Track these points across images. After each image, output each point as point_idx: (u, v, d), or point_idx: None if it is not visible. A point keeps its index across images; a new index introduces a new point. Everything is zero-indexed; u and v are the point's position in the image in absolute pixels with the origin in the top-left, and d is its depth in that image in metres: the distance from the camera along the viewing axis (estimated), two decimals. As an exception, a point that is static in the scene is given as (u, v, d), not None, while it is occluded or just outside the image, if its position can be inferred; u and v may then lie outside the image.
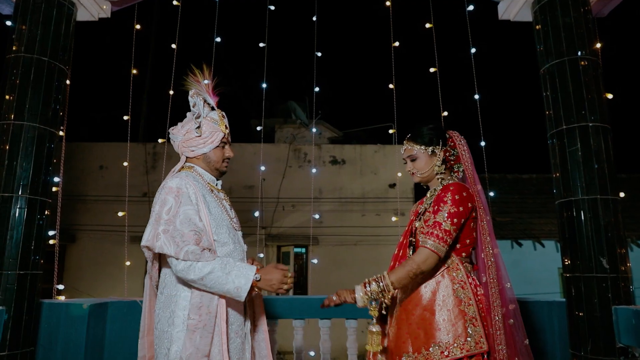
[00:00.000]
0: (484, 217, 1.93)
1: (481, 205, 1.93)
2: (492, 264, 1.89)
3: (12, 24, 2.87)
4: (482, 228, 1.92)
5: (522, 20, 3.23)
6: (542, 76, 2.99)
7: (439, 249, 1.81)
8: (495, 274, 1.87)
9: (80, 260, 8.84)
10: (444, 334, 1.79)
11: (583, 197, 2.70)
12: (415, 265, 1.80)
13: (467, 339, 1.77)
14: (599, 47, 2.93)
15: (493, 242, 1.93)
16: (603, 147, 2.73)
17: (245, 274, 1.79)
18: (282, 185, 9.09)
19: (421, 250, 1.83)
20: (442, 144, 2.01)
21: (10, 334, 2.51)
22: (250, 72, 4.03)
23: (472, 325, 1.79)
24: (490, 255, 1.90)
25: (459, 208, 1.85)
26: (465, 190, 1.89)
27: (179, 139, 2.04)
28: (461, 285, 1.85)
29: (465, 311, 1.81)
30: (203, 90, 2.03)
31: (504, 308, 1.86)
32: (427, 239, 1.83)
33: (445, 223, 1.83)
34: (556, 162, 2.85)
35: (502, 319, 1.83)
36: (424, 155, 2.01)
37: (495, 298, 1.85)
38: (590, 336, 2.60)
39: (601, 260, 2.62)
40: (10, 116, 2.70)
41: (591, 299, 2.62)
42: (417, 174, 2.05)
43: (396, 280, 1.81)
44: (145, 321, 2.04)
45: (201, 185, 1.97)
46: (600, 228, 2.65)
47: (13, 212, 2.61)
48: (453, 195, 1.85)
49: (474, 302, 1.83)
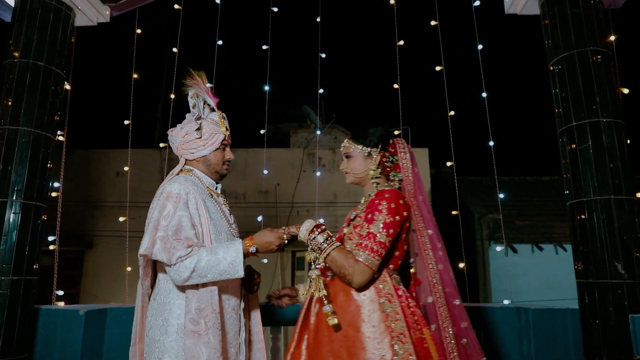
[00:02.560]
0: (423, 230, 1.80)
1: (421, 218, 1.81)
2: (437, 281, 1.75)
3: (10, 29, 2.89)
4: (423, 243, 1.79)
5: (529, 13, 3.09)
6: (550, 72, 2.84)
7: (373, 262, 1.68)
8: (441, 292, 1.74)
9: (98, 266, 8.95)
10: (369, 353, 1.63)
11: (595, 198, 2.54)
12: (350, 272, 1.67)
13: (394, 357, 1.61)
14: (613, 40, 2.79)
15: (437, 257, 1.79)
16: (617, 144, 2.57)
17: (235, 247, 1.74)
18: (297, 190, 9.04)
19: (356, 265, 1.68)
20: (381, 148, 1.90)
21: (3, 340, 2.50)
22: (264, 77, 4.04)
23: (400, 343, 1.64)
24: (435, 272, 1.76)
25: (395, 217, 1.71)
26: (401, 198, 1.77)
27: (178, 141, 1.99)
28: (388, 299, 1.71)
29: (392, 327, 1.66)
30: (203, 91, 1.98)
31: (455, 327, 1.73)
32: (359, 251, 1.69)
33: (380, 234, 1.69)
34: (566, 161, 2.69)
35: (454, 340, 1.70)
36: (360, 156, 1.91)
37: (444, 318, 1.71)
38: (605, 346, 2.44)
39: (616, 265, 2.45)
40: (5, 121, 2.70)
41: (606, 306, 2.45)
42: (350, 173, 1.94)
43: (331, 260, 1.70)
44: (137, 328, 2.00)
45: (200, 190, 1.92)
46: (614, 230, 2.48)
47: (7, 217, 2.60)
48: (389, 204, 1.72)
49: (402, 316, 1.68)
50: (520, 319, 3.01)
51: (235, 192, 8.73)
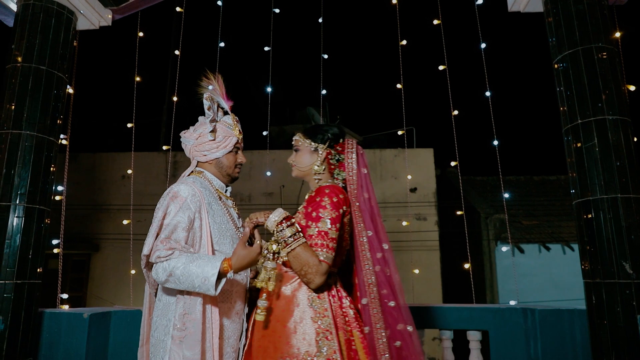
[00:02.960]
0: (362, 231, 1.78)
1: (361, 218, 1.79)
2: (373, 282, 1.73)
3: (12, 34, 2.90)
4: (361, 243, 1.77)
5: (532, 11, 3.05)
6: (555, 70, 2.81)
7: (331, 259, 1.69)
8: (376, 293, 1.72)
9: (104, 269, 8.98)
10: (294, 348, 1.64)
11: (602, 196, 2.50)
12: (314, 270, 1.66)
13: (317, 353, 1.62)
14: (618, 36, 2.75)
15: (375, 259, 1.77)
16: (623, 141, 2.52)
17: (213, 262, 1.65)
18: (302, 192, 9.02)
19: (320, 265, 1.67)
20: (328, 145, 1.92)
21: (7, 344, 2.50)
22: (267, 79, 4.04)
23: (325, 339, 1.64)
24: (370, 274, 1.74)
25: (338, 211, 1.74)
26: (341, 193, 1.79)
27: (190, 143, 1.99)
28: (317, 295, 1.72)
29: (318, 323, 1.67)
30: (217, 93, 1.98)
31: (389, 330, 1.70)
32: (319, 250, 1.68)
33: (331, 231, 1.71)
34: (572, 160, 2.66)
35: (387, 342, 1.67)
36: (306, 150, 1.95)
37: (377, 320, 1.69)
38: (613, 348, 2.39)
39: (624, 264, 2.41)
40: (8, 125, 2.71)
41: (614, 307, 2.41)
42: (296, 166, 1.98)
43: (294, 256, 1.68)
44: (144, 329, 2.00)
45: (209, 192, 1.91)
46: (621, 230, 2.44)
47: (11, 221, 2.61)
48: (330, 199, 1.74)
49: (330, 314, 1.68)
50: (526, 320, 2.97)
51: (241, 194, 8.73)
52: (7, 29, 3.09)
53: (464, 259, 3.90)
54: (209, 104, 1.94)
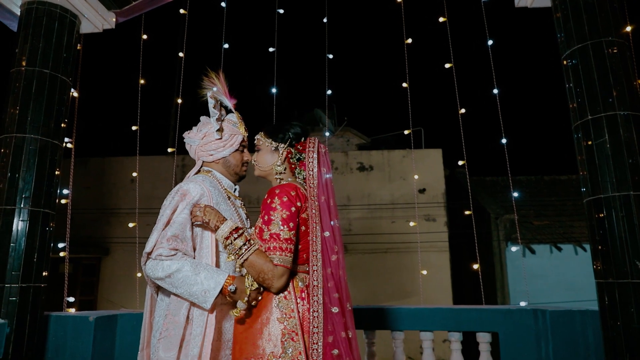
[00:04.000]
0: (318, 231, 1.73)
1: (318, 218, 1.73)
2: (318, 284, 1.67)
3: (16, 38, 2.90)
4: (314, 243, 1.72)
5: (540, 6, 3.00)
6: (564, 65, 2.75)
7: (287, 260, 1.65)
8: (319, 296, 1.66)
9: (114, 273, 9.02)
10: (259, 349, 1.62)
11: (614, 194, 2.44)
12: (270, 276, 1.63)
13: (282, 354, 1.60)
14: (629, 30, 2.68)
15: (326, 260, 1.71)
16: (635, 138, 2.46)
17: (216, 277, 1.66)
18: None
19: (275, 269, 1.65)
20: (288, 144, 1.88)
21: (13, 347, 2.50)
22: (273, 80, 4.02)
23: (291, 341, 1.62)
24: (317, 275, 1.68)
25: (290, 209, 1.70)
26: (292, 189, 1.74)
27: (196, 143, 1.97)
28: (284, 296, 1.69)
29: (284, 324, 1.64)
30: (221, 92, 1.96)
31: (331, 336, 1.64)
32: (272, 254, 1.65)
33: (283, 232, 1.67)
34: (582, 157, 2.59)
35: (323, 349, 1.61)
36: (267, 150, 1.91)
37: (317, 323, 1.64)
38: (627, 350, 2.33)
39: (637, 264, 2.35)
40: (12, 129, 2.71)
41: (627, 308, 2.35)
42: (257, 166, 1.95)
43: (249, 265, 1.65)
44: (145, 332, 1.96)
45: (218, 192, 1.90)
46: (634, 228, 2.38)
47: (15, 225, 2.61)
48: (280, 198, 1.70)
49: (297, 315, 1.65)
50: (537, 321, 2.91)
51: (249, 197, 8.71)
52: (11, 33, 3.10)
53: (473, 260, 3.84)
54: (214, 102, 1.92)
